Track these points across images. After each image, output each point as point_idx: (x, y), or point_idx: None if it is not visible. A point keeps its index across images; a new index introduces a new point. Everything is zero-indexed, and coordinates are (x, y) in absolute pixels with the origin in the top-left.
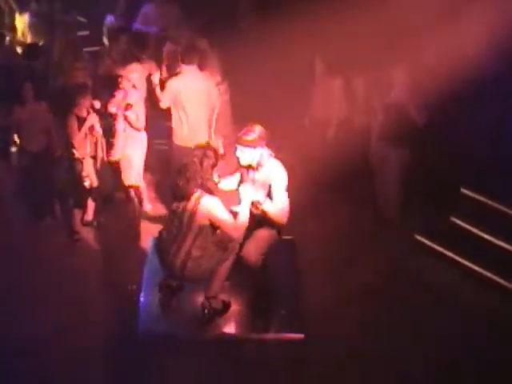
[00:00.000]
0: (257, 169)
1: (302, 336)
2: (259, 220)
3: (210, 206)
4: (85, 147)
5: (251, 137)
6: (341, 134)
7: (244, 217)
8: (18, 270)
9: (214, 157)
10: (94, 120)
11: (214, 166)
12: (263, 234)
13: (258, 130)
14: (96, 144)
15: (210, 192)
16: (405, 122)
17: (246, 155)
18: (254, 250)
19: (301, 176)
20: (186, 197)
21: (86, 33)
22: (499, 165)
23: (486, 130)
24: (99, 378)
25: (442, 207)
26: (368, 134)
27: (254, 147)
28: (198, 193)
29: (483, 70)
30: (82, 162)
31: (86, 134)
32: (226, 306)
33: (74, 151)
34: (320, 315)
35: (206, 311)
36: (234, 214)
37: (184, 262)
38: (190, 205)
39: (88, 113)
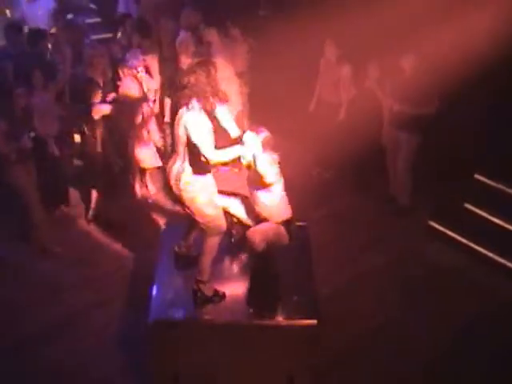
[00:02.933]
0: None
1: (314, 322)
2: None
3: (190, 121)
4: None
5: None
6: (351, 118)
7: (232, 152)
8: (32, 256)
9: (209, 67)
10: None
11: (214, 75)
12: (271, 223)
13: (264, 135)
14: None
15: (210, 105)
16: (416, 107)
17: (246, 154)
18: (258, 232)
19: (311, 161)
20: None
21: (97, 20)
22: None
23: (500, 115)
24: (110, 362)
25: (456, 193)
26: (379, 118)
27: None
28: (184, 108)
29: (495, 55)
30: None
31: None
32: (218, 296)
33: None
34: (333, 301)
35: (198, 294)
36: None
37: (178, 175)
38: (178, 117)
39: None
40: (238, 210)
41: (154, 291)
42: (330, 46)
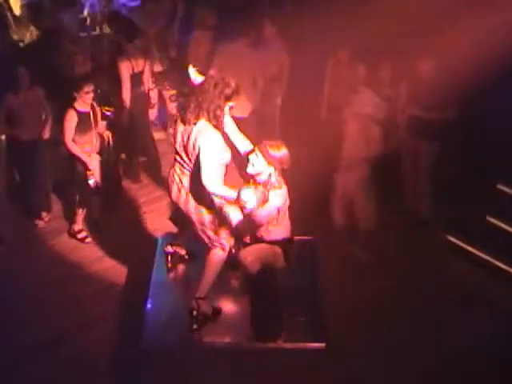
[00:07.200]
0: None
1: (323, 345)
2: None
3: (201, 138)
4: (91, 143)
5: (273, 151)
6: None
7: (231, 193)
8: (14, 271)
9: (231, 89)
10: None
11: (227, 97)
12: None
13: (283, 151)
14: (103, 140)
15: (217, 121)
16: (435, 113)
17: (257, 162)
18: (250, 252)
19: (320, 171)
20: (188, 121)
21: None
22: None
23: None
24: None
25: (477, 205)
26: (394, 124)
27: (268, 163)
28: (200, 120)
29: None
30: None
31: (91, 129)
32: (216, 313)
33: (76, 148)
34: (342, 322)
35: (194, 313)
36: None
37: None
38: (188, 130)
39: (92, 107)
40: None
41: (147, 312)
42: (344, 46)
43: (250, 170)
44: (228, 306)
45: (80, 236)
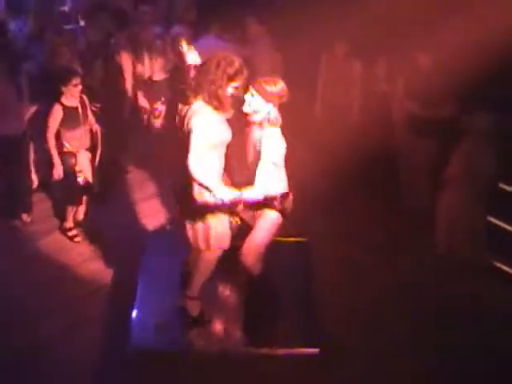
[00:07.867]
0: (258, 125)
1: (316, 351)
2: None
3: (194, 119)
4: (80, 139)
5: (270, 87)
6: (360, 121)
7: (217, 186)
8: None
9: (234, 68)
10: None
11: (230, 76)
12: (262, 228)
13: (280, 85)
14: (93, 135)
15: (219, 102)
16: (434, 109)
17: (253, 102)
18: (251, 251)
19: (316, 169)
20: (186, 101)
21: (65, 8)
22: None
23: None
24: None
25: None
26: (391, 122)
27: (267, 100)
28: (198, 100)
29: None
30: (75, 156)
31: (80, 125)
32: (204, 318)
33: (65, 144)
34: (342, 322)
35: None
36: None
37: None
38: (184, 111)
39: (81, 100)
40: None
41: (135, 313)
42: (340, 41)
43: (246, 109)
44: (221, 310)
45: (71, 234)
